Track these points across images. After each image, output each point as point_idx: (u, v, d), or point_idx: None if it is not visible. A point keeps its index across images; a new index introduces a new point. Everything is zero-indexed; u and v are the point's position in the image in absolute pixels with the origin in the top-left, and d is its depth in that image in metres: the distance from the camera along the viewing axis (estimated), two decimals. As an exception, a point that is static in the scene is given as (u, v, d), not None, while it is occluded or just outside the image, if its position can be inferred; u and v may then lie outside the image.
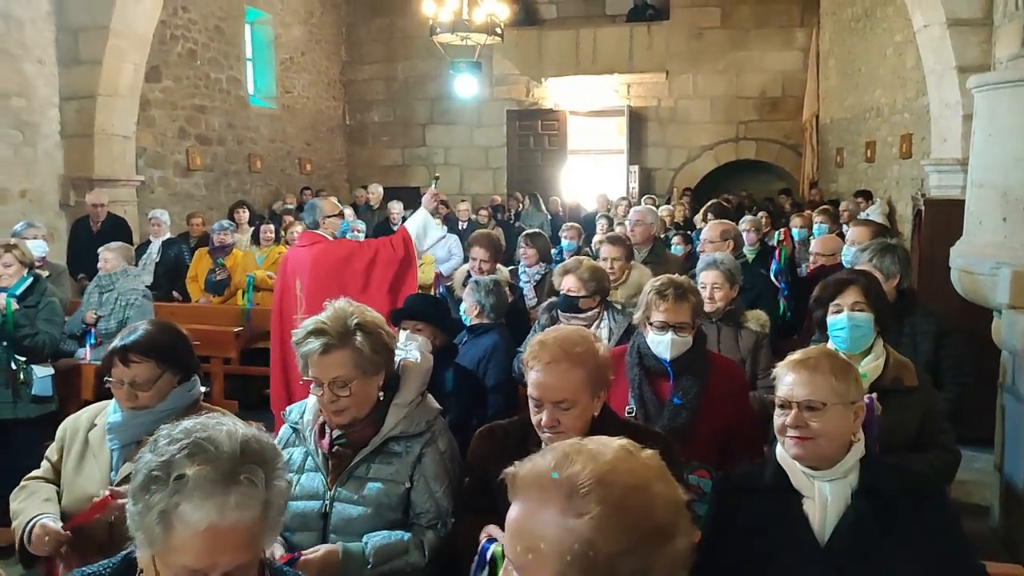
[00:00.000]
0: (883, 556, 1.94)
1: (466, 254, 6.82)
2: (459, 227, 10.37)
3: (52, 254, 6.79)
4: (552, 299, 4.05)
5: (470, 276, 4.93)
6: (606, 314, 3.85)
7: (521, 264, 5.38)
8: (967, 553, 2.08)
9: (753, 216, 7.40)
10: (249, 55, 13.33)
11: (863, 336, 2.92)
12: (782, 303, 5.10)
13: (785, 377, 2.09)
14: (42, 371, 4.81)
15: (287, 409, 2.52)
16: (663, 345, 2.93)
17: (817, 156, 13.75)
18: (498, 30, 10.41)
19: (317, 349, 2.23)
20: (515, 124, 15.50)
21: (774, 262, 5.18)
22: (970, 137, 4.67)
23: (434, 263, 8.38)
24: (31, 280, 4.85)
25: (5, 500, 2.46)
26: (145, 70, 9.20)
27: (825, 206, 8.72)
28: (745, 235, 6.19)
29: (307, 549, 2.20)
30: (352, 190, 14.97)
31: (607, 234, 5.73)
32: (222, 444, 1.38)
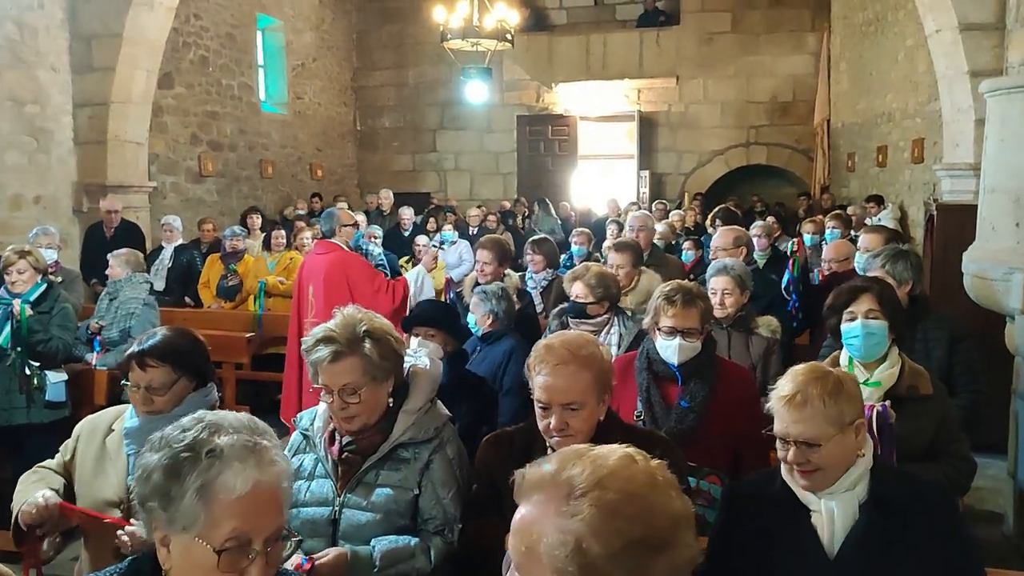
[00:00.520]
0: (892, 567, 1.93)
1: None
2: (470, 233, 10.38)
3: (66, 260, 6.83)
4: (563, 305, 4.05)
5: (479, 282, 4.94)
6: (616, 320, 3.85)
7: (528, 270, 5.37)
8: (976, 562, 2.06)
9: (764, 221, 7.37)
10: (261, 62, 13.40)
11: (877, 344, 2.88)
12: (792, 314, 5.05)
13: (778, 412, 2.05)
14: (55, 376, 4.84)
15: (298, 416, 2.53)
16: (671, 350, 2.93)
17: (828, 161, 13.70)
18: (508, 36, 10.44)
19: (326, 356, 2.24)
20: (525, 129, 15.51)
21: (787, 272, 5.13)
22: (982, 142, 4.64)
23: (445, 268, 8.40)
24: (45, 286, 4.88)
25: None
26: (158, 77, 9.27)
27: (837, 211, 8.68)
28: (756, 240, 6.18)
29: (317, 554, 2.21)
30: (363, 196, 15.04)
31: (615, 240, 5.72)
32: (234, 421, 1.46)
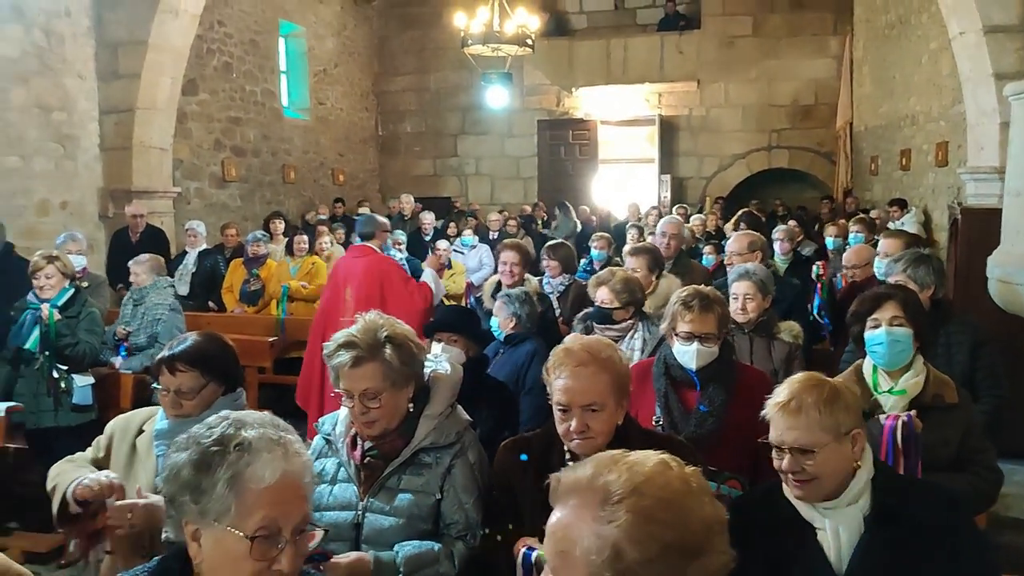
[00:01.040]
0: None
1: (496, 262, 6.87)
2: (490, 237, 10.40)
3: (92, 264, 6.93)
4: (587, 310, 4.06)
5: (499, 286, 4.96)
6: (640, 325, 3.84)
7: (545, 275, 5.38)
8: (992, 568, 2.03)
9: (786, 225, 7.32)
10: (283, 68, 13.50)
11: (902, 351, 2.83)
12: (826, 337, 5.00)
13: (773, 420, 2.03)
14: (82, 380, 4.91)
15: (320, 420, 2.56)
16: (689, 355, 2.93)
17: (851, 164, 13.60)
18: (529, 41, 10.47)
19: (347, 362, 2.26)
20: (546, 134, 15.51)
21: (816, 296, 5.07)
22: (1007, 145, 4.60)
23: (465, 273, 8.43)
24: (72, 291, 4.95)
25: (47, 507, 2.50)
26: (182, 83, 9.38)
27: (861, 215, 8.60)
28: (778, 244, 6.14)
29: (340, 555, 2.21)
30: (384, 200, 15.11)
31: (632, 245, 5.71)
32: (257, 419, 1.54)
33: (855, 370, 2.95)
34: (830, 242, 7.43)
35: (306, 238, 8.21)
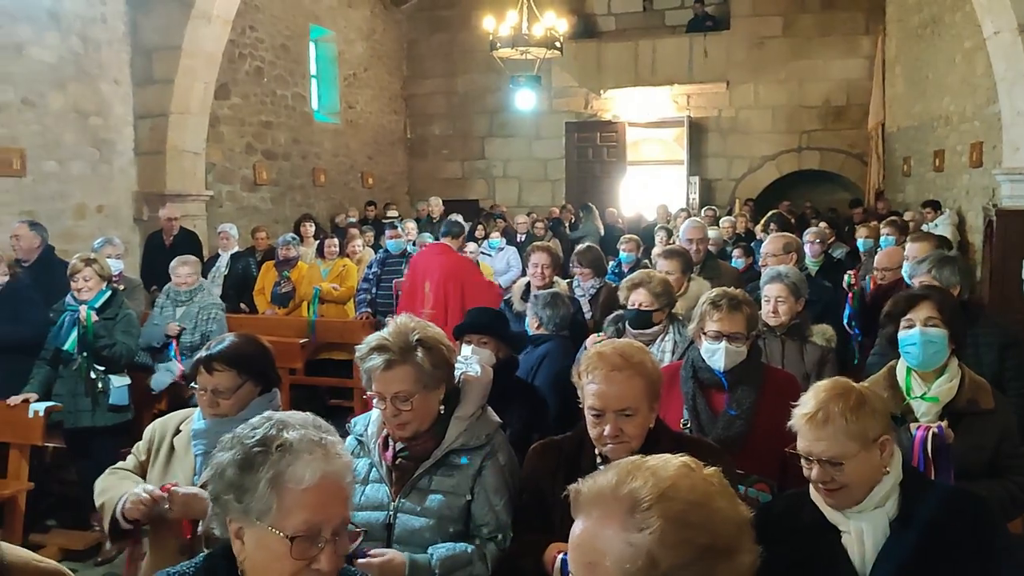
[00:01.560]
0: None
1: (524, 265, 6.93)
2: (517, 240, 10.42)
3: (127, 267, 7.04)
4: (618, 312, 4.05)
5: (528, 289, 4.99)
6: (672, 327, 3.84)
7: (576, 279, 5.41)
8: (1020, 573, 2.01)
9: (817, 227, 7.26)
10: (314, 72, 13.63)
11: (937, 353, 2.77)
12: (856, 350, 4.95)
13: (800, 430, 2.01)
14: (119, 381, 5.01)
15: (352, 421, 2.59)
16: (717, 355, 2.92)
17: (883, 165, 13.45)
18: (557, 44, 10.49)
19: (380, 365, 2.28)
20: (574, 136, 15.50)
21: (847, 306, 5.03)
22: (1043, 146, 4.54)
23: (492, 275, 8.46)
24: (109, 293, 5.05)
25: (84, 505, 2.55)
26: (214, 88, 9.51)
27: (893, 217, 8.51)
28: (809, 247, 6.09)
29: (376, 550, 2.22)
30: (413, 203, 15.20)
31: (664, 247, 5.70)
32: (299, 420, 1.56)
33: (888, 371, 2.90)
34: (861, 244, 7.35)
35: (336, 241, 8.28)
